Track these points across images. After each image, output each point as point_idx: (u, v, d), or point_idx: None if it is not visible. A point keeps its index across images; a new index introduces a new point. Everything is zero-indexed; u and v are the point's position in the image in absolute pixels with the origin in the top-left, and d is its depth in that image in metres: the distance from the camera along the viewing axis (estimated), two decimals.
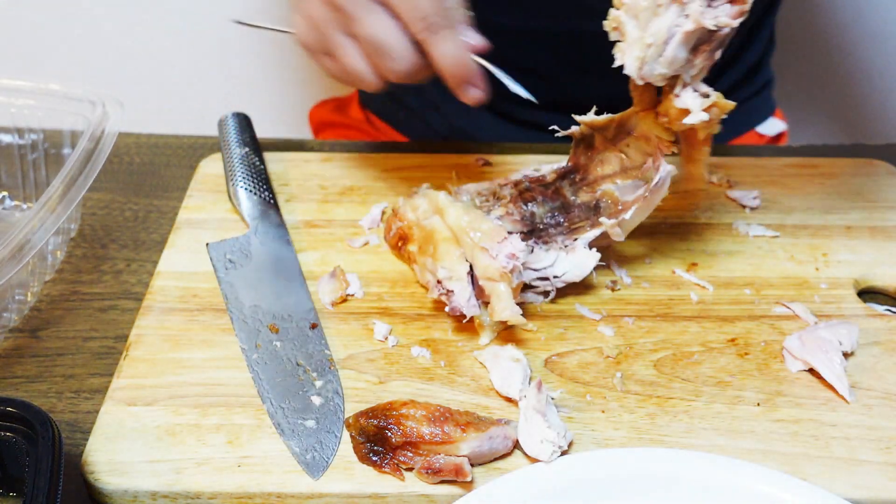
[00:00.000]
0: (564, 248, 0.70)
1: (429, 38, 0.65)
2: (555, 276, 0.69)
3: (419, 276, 0.70)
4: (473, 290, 0.65)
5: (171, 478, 0.56)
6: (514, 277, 0.65)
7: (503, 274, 0.64)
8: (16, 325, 0.71)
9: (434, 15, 0.64)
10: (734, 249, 0.77)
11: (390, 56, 0.65)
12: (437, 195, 0.70)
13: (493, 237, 0.65)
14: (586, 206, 0.72)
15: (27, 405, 0.52)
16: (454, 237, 0.67)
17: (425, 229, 0.68)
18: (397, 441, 0.56)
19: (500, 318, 0.64)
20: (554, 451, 0.56)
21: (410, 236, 0.70)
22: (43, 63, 1.57)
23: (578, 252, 0.70)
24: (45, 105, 0.79)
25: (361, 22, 0.65)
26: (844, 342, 0.65)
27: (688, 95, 0.65)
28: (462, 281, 0.65)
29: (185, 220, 0.79)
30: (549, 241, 0.70)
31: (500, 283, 0.64)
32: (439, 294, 0.66)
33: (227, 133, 0.85)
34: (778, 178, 0.86)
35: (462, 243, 0.66)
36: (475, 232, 0.66)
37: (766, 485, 0.54)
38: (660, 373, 0.65)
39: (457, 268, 0.65)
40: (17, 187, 0.82)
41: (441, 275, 0.66)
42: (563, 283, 0.70)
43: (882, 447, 0.59)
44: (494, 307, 0.64)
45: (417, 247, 0.69)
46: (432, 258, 0.67)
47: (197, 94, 1.62)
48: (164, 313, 0.69)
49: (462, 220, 0.67)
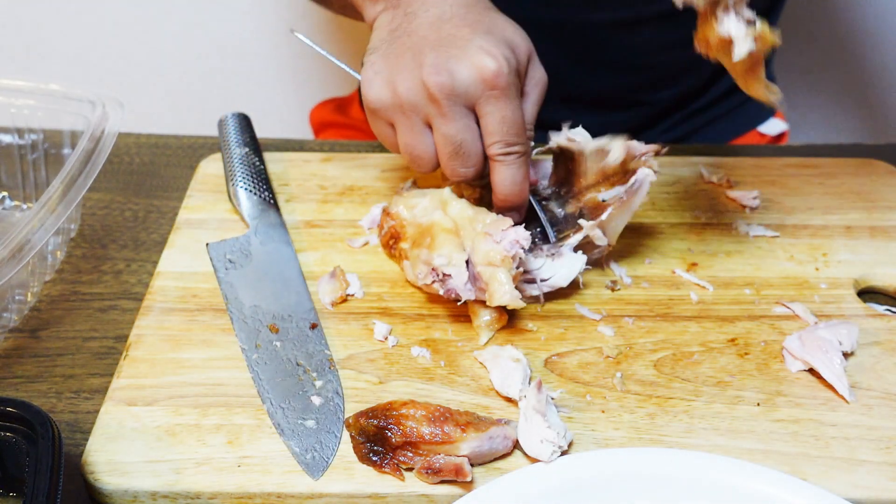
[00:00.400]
0: (551, 256, 0.70)
1: (501, 161, 0.67)
2: (542, 279, 0.69)
3: (408, 272, 0.69)
4: (470, 277, 0.66)
5: (171, 478, 0.56)
6: (513, 265, 0.65)
7: (504, 258, 0.64)
8: (16, 325, 0.71)
9: (516, 139, 0.66)
10: (734, 249, 0.77)
11: (461, 160, 0.67)
12: (442, 191, 0.70)
13: (497, 225, 0.66)
14: (572, 217, 0.72)
15: (27, 405, 0.52)
16: (455, 229, 0.67)
17: (422, 225, 0.69)
18: (397, 441, 0.56)
19: (500, 303, 0.64)
20: (554, 451, 0.56)
21: (403, 234, 0.70)
22: (43, 63, 1.57)
23: (565, 256, 0.70)
24: (45, 105, 0.79)
25: (449, 121, 0.66)
26: (844, 342, 0.65)
27: (731, 21, 0.60)
28: (460, 266, 0.65)
29: (185, 220, 0.79)
30: (534, 249, 0.71)
31: (500, 268, 0.64)
32: (433, 280, 0.66)
33: (227, 133, 0.85)
34: (778, 178, 0.86)
35: (463, 234, 0.67)
36: (479, 223, 0.66)
37: (766, 485, 0.54)
38: (660, 373, 0.65)
39: (454, 255, 0.66)
40: (17, 187, 0.82)
41: (437, 262, 0.66)
42: (550, 287, 0.70)
43: (882, 447, 0.59)
44: (494, 292, 0.64)
45: (411, 242, 0.69)
46: (428, 249, 0.67)
47: (197, 94, 1.62)
48: (164, 313, 0.69)
49: (468, 212, 0.68)
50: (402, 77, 0.66)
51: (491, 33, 0.67)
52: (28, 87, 0.79)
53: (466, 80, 0.64)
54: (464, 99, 0.65)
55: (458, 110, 0.66)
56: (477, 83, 0.65)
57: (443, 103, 0.65)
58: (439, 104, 0.65)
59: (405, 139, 0.69)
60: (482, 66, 0.64)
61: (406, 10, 0.70)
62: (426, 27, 0.68)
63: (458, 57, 0.65)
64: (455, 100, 0.65)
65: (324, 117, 1.21)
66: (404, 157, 0.70)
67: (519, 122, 0.66)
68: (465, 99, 0.65)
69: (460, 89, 0.65)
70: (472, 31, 0.66)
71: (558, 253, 0.70)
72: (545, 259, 0.70)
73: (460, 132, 0.66)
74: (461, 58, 0.65)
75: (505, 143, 0.67)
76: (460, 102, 0.65)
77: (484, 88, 0.65)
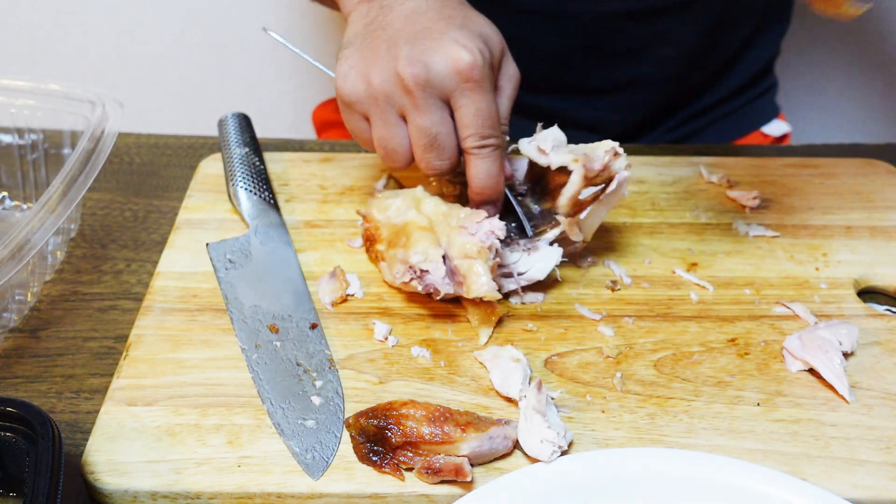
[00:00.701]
0: (527, 251, 0.71)
1: (476, 154, 0.67)
2: (519, 273, 0.70)
3: (385, 273, 0.70)
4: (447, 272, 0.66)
5: (170, 478, 0.56)
6: (490, 256, 0.65)
7: (480, 250, 0.64)
8: (16, 325, 0.71)
9: (491, 131, 0.66)
10: (734, 249, 0.77)
11: (436, 153, 0.67)
12: (414, 190, 0.71)
13: (472, 218, 0.66)
14: (548, 212, 0.72)
15: (27, 405, 0.52)
16: (430, 226, 0.67)
17: (396, 226, 0.69)
18: (397, 441, 0.56)
19: (477, 294, 0.64)
20: (554, 451, 0.56)
21: (378, 236, 0.70)
22: (43, 63, 1.57)
23: (541, 250, 0.70)
24: (45, 105, 0.79)
25: (423, 113, 0.66)
26: (844, 342, 0.65)
27: None
28: (437, 262, 0.65)
29: (185, 220, 0.79)
30: (510, 244, 0.71)
31: (477, 260, 0.64)
32: (411, 277, 0.66)
33: (227, 133, 0.85)
34: (778, 178, 0.86)
35: (438, 230, 0.67)
36: (454, 218, 0.67)
37: (766, 485, 0.54)
38: (660, 373, 0.65)
39: (431, 251, 0.66)
40: (17, 187, 0.82)
41: (414, 259, 0.66)
42: (528, 280, 0.70)
43: (882, 447, 0.59)
44: (471, 284, 0.64)
45: (386, 244, 0.69)
46: (404, 248, 0.67)
47: (197, 94, 1.62)
48: (164, 313, 0.69)
49: (441, 208, 0.69)
50: (377, 70, 0.66)
51: (465, 27, 0.67)
52: (28, 87, 0.79)
53: (441, 72, 0.64)
54: (438, 91, 0.65)
55: (432, 102, 0.66)
56: (451, 75, 0.65)
57: (417, 95, 0.65)
58: (413, 96, 0.65)
59: (379, 132, 0.68)
60: (457, 58, 0.64)
61: (382, 4, 0.70)
62: (401, 20, 0.68)
63: (434, 49, 0.65)
64: (430, 91, 0.65)
65: (327, 116, 1.21)
66: (378, 152, 0.70)
67: (493, 115, 0.66)
68: (439, 91, 0.65)
69: (435, 81, 0.65)
70: (448, 25, 0.66)
71: (534, 247, 0.71)
72: (521, 253, 0.71)
73: (435, 125, 0.66)
74: (436, 50, 0.65)
75: (480, 136, 0.67)
76: (435, 94, 0.65)
77: (459, 81, 0.65)
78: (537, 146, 0.70)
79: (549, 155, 0.69)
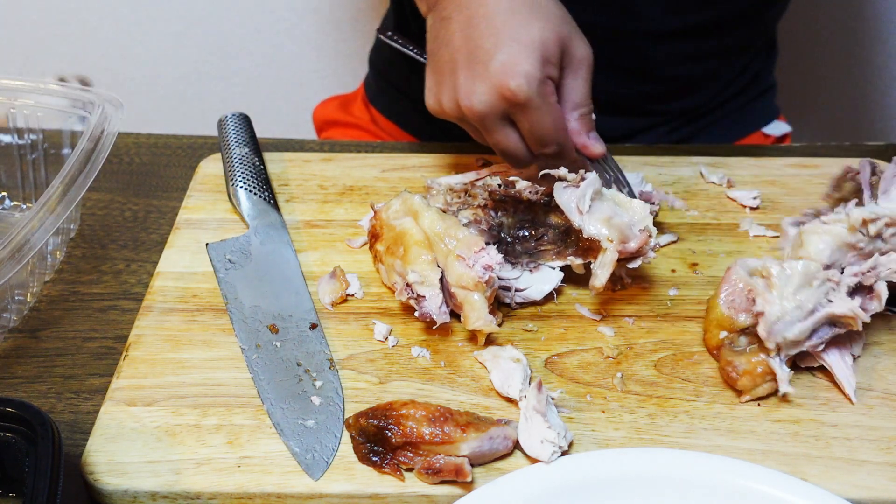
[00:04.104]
0: (530, 270, 0.71)
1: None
2: (517, 289, 0.69)
3: (384, 277, 0.70)
4: (444, 296, 0.65)
5: (170, 478, 0.56)
6: (486, 289, 0.65)
7: (478, 283, 0.64)
8: (16, 325, 0.71)
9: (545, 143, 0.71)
10: (734, 249, 0.77)
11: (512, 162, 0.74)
12: (413, 197, 0.69)
13: (469, 246, 0.65)
14: (556, 229, 0.72)
15: (27, 405, 0.52)
16: (427, 241, 0.67)
17: (394, 229, 0.68)
18: (397, 441, 0.56)
19: (473, 328, 0.64)
20: (554, 451, 0.56)
21: (381, 235, 0.70)
22: (43, 62, 1.58)
23: (543, 271, 0.71)
24: (45, 105, 0.79)
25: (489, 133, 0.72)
26: (854, 346, 0.65)
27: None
28: (434, 287, 0.65)
29: (184, 220, 0.79)
30: (515, 261, 0.71)
31: (474, 292, 0.64)
32: (408, 297, 0.66)
33: (227, 133, 0.85)
34: (778, 178, 0.86)
35: (436, 249, 0.66)
36: (451, 240, 0.66)
37: (766, 485, 0.54)
38: (660, 373, 0.65)
39: (428, 273, 0.66)
40: (17, 187, 0.82)
41: (412, 278, 0.66)
42: (524, 298, 0.70)
43: (882, 447, 0.59)
44: (468, 316, 0.64)
45: (385, 246, 0.69)
46: (402, 260, 0.67)
47: (197, 94, 1.62)
48: (164, 313, 0.69)
49: (437, 227, 0.67)
50: (445, 97, 0.72)
51: (516, 40, 0.68)
52: (28, 87, 0.79)
53: (492, 102, 0.69)
54: (494, 115, 0.70)
55: (491, 123, 0.71)
56: (500, 102, 0.69)
57: (478, 123, 0.71)
58: (477, 122, 0.71)
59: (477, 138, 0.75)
60: (500, 87, 0.68)
61: (441, 14, 0.73)
62: (458, 37, 0.71)
63: (482, 77, 0.69)
64: (486, 117, 0.70)
65: (327, 115, 1.21)
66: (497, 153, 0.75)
67: (546, 127, 0.70)
68: (494, 115, 0.70)
69: (488, 110, 0.69)
70: (496, 41, 0.69)
71: (537, 267, 0.71)
72: (524, 271, 0.71)
73: (500, 142, 0.72)
74: (485, 78, 0.69)
75: (537, 147, 0.72)
76: (493, 118, 0.70)
77: (507, 106, 0.69)
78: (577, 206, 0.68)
79: (584, 216, 0.67)
